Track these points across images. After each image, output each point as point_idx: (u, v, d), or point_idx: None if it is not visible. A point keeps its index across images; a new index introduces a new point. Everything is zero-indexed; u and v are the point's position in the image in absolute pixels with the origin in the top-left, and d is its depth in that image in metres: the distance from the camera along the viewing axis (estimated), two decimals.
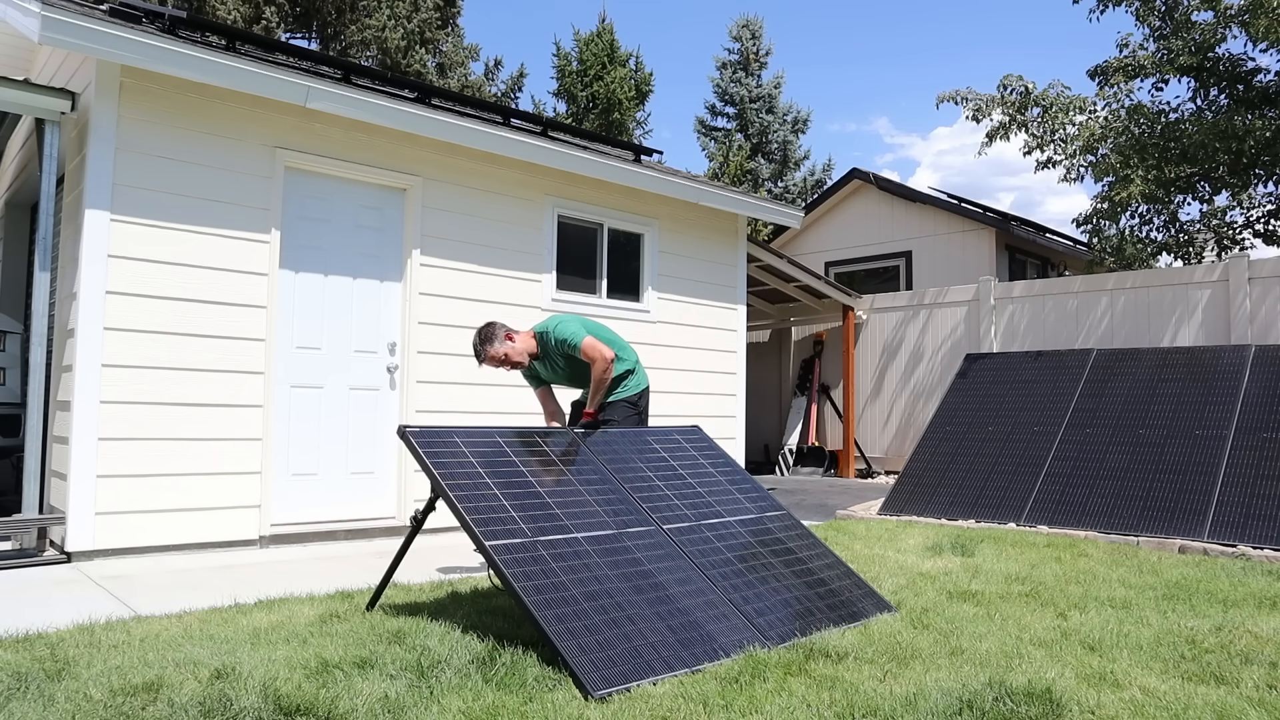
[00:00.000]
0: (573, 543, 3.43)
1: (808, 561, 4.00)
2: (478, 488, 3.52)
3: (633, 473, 4.09)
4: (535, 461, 3.87)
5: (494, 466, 3.70)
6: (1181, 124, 10.11)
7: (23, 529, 4.78)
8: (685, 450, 4.54)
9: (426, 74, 18.71)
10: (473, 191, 6.58)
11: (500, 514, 3.42)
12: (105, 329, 4.88)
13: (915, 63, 61.24)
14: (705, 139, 25.01)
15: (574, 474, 3.89)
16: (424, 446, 3.63)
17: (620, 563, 3.42)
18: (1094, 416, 7.00)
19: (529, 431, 4.07)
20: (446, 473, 3.54)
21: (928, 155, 54.06)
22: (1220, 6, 9.46)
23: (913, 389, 10.75)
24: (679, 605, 3.29)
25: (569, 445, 4.11)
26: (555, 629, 2.90)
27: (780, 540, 4.10)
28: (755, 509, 4.30)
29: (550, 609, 3.00)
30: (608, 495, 3.83)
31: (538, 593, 3.06)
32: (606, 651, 2.88)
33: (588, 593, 3.17)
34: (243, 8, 16.11)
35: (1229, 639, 3.39)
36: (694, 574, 3.53)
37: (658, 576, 3.42)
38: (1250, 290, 8.25)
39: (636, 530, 3.67)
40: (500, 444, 3.87)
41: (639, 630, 3.05)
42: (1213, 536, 5.62)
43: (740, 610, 3.39)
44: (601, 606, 3.11)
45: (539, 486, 3.70)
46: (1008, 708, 2.57)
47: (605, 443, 4.25)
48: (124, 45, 4.76)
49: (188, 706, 2.46)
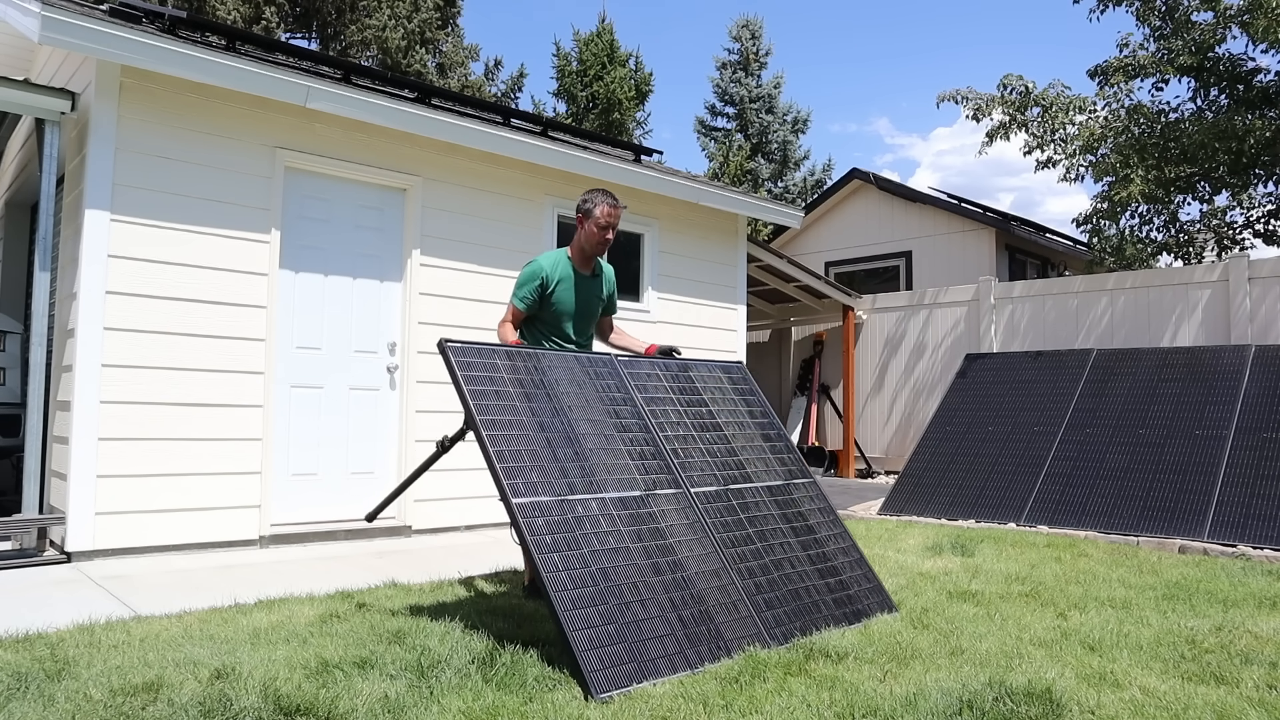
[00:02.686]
0: (601, 505, 3.30)
1: (825, 544, 3.94)
2: (512, 426, 3.33)
3: (670, 417, 3.92)
4: (575, 395, 3.65)
5: (532, 400, 3.48)
6: (1181, 124, 10.11)
7: (23, 529, 4.78)
8: (725, 392, 4.36)
9: (426, 74, 18.70)
10: (473, 191, 6.57)
11: (531, 462, 3.26)
12: (105, 329, 4.88)
13: (915, 63, 61.24)
14: (705, 139, 25.02)
15: (612, 415, 3.70)
16: (462, 368, 3.39)
17: (644, 534, 3.33)
18: (1094, 416, 7.00)
19: (576, 359, 3.84)
20: (481, 404, 3.31)
21: (928, 155, 54.07)
22: (1220, 6, 9.46)
23: (913, 389, 10.75)
24: (695, 590, 3.24)
25: (613, 378, 3.87)
26: (569, 615, 2.84)
27: (803, 516, 4.01)
28: (784, 473, 4.18)
29: (569, 590, 2.92)
30: (642, 446, 3.68)
31: (557, 569, 2.97)
32: (616, 645, 2.86)
33: (606, 570, 3.08)
34: (243, 8, 16.10)
35: (1229, 639, 3.39)
36: (714, 553, 3.45)
37: (679, 553, 3.34)
38: (1250, 290, 8.25)
39: (665, 494, 3.57)
40: (543, 370, 3.63)
41: (651, 622, 3.01)
42: (1213, 536, 5.62)
43: (751, 601, 3.36)
44: (618, 589, 3.04)
45: (575, 428, 3.51)
46: (1008, 708, 2.56)
47: (648, 377, 4.03)
48: (124, 45, 4.75)
49: (188, 706, 2.46)
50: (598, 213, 4.09)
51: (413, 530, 6.04)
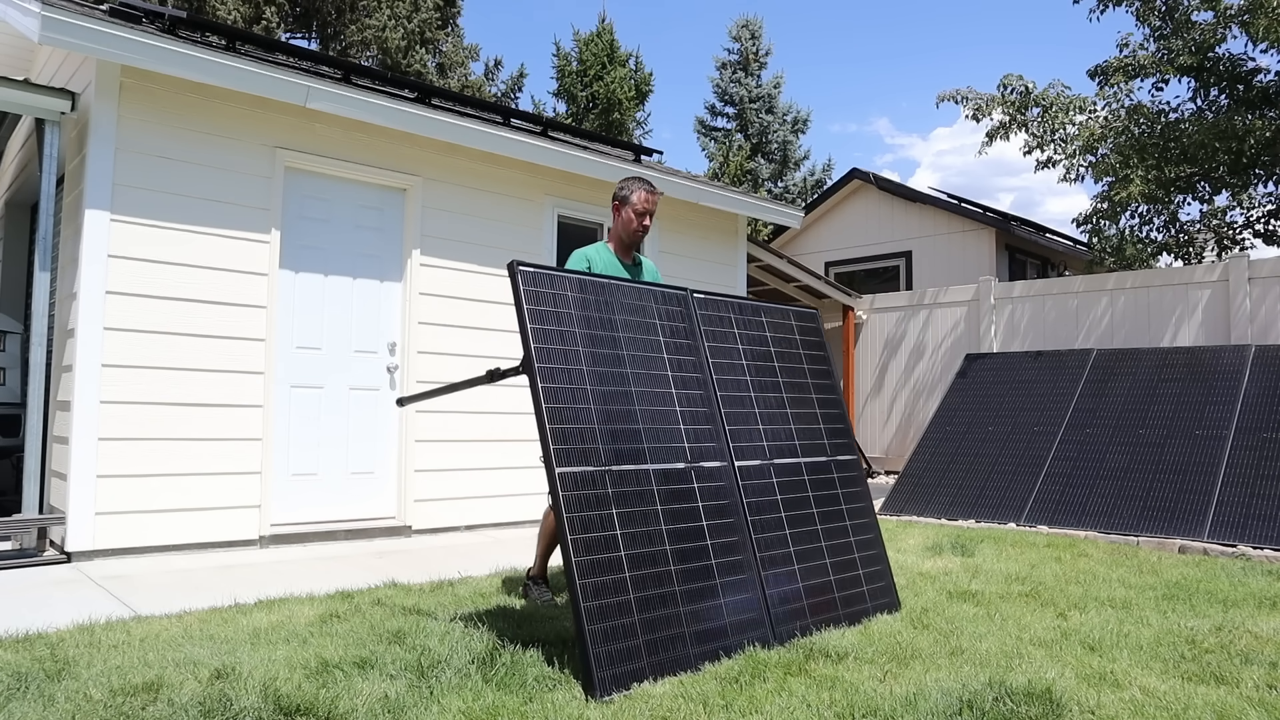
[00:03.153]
0: (643, 478, 3.15)
1: (852, 534, 3.85)
2: (570, 377, 3.09)
3: (732, 372, 3.73)
4: (641, 342, 3.39)
5: (596, 344, 3.23)
6: (1181, 124, 10.11)
7: (23, 529, 4.78)
8: (794, 345, 4.12)
9: (426, 74, 18.70)
10: (473, 191, 6.57)
11: (582, 423, 3.06)
12: (105, 329, 4.88)
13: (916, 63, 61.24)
14: (705, 139, 25.02)
15: (675, 367, 3.49)
16: (530, 299, 3.10)
17: (679, 514, 3.20)
18: (1094, 416, 7.00)
19: (651, 293, 3.56)
20: (543, 347, 3.06)
21: (928, 155, 54.07)
22: (1220, 6, 9.46)
23: (913, 389, 10.75)
24: (715, 583, 3.18)
25: (685, 321, 3.62)
26: (589, 607, 2.78)
27: (838, 499, 3.90)
28: (830, 448, 4.01)
29: (591, 577, 2.84)
30: (697, 407, 3.48)
31: (585, 553, 2.87)
32: (629, 642, 2.83)
33: (635, 556, 2.98)
34: (243, 8, 16.10)
35: (1229, 639, 3.39)
36: (744, 539, 3.37)
37: (707, 539, 3.24)
38: (1250, 290, 8.25)
39: (709, 466, 3.41)
40: (613, 308, 3.36)
41: (666, 619, 2.98)
42: (1213, 536, 5.62)
43: (766, 595, 3.33)
44: (641, 579, 2.96)
45: (634, 382, 3.28)
46: (1008, 708, 2.56)
47: (719, 320, 3.80)
48: (124, 45, 4.75)
49: (188, 706, 2.46)
50: (634, 199, 4.06)
51: (413, 530, 6.04)
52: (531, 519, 6.57)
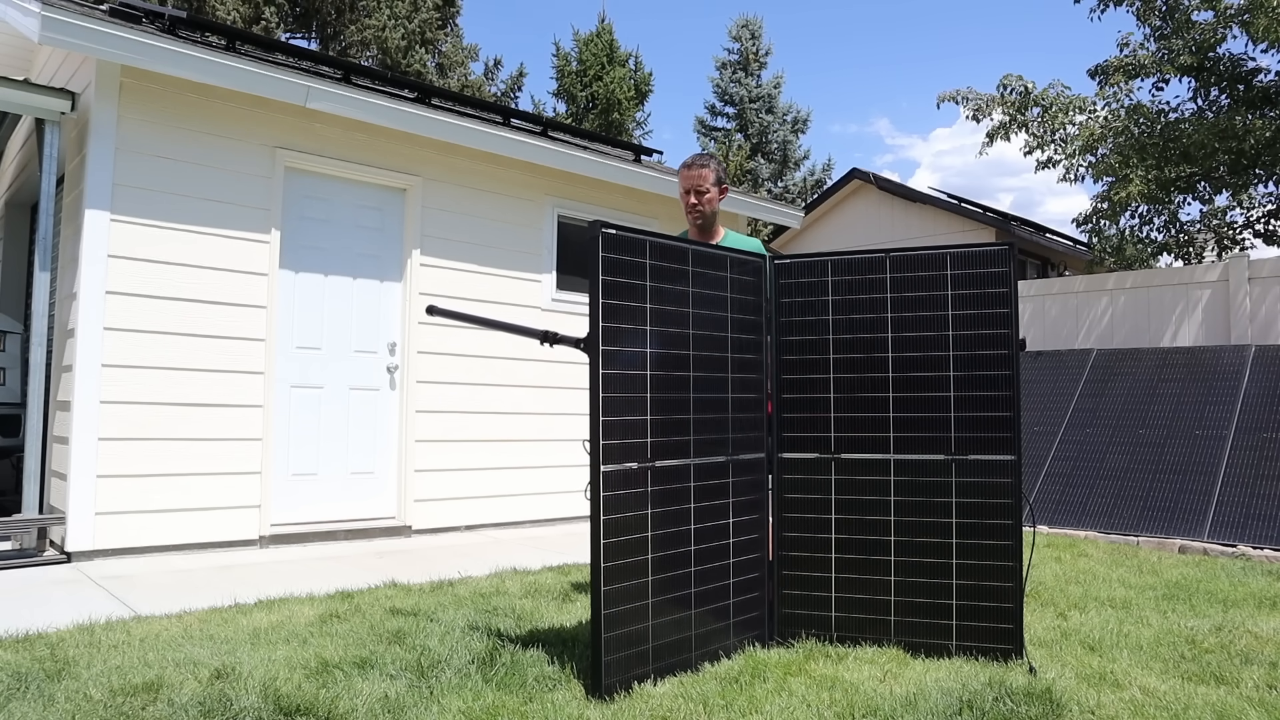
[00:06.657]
0: (683, 474, 3.03)
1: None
2: (632, 361, 2.90)
3: (800, 350, 3.47)
4: (709, 318, 3.20)
5: (664, 320, 3.02)
6: (1181, 124, 10.10)
7: (23, 529, 4.78)
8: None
9: (426, 74, 18.70)
10: (473, 191, 6.57)
11: (635, 412, 2.90)
12: (105, 329, 4.88)
13: (916, 64, 61.24)
14: (705, 139, 25.02)
15: (736, 347, 3.30)
16: (607, 269, 2.87)
17: (711, 511, 3.12)
18: (1094, 416, 7.00)
19: (728, 260, 3.32)
20: (611, 325, 2.85)
21: (927, 156, 54.09)
22: (1220, 6, 9.46)
23: None
24: (733, 582, 3.17)
25: (754, 294, 3.40)
26: (609, 614, 2.76)
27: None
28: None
29: (618, 582, 2.78)
30: (748, 393, 3.29)
31: (619, 555, 2.80)
32: (641, 647, 2.83)
33: (662, 559, 2.92)
34: (243, 8, 16.10)
35: (1229, 639, 3.39)
36: (761, 537, 3.32)
37: (732, 537, 3.20)
38: (1250, 290, 8.25)
39: (747, 459, 3.29)
40: (689, 278, 3.15)
41: (678, 622, 2.97)
42: (1213, 536, 5.62)
43: (779, 595, 3.33)
44: (662, 583, 2.93)
45: (691, 363, 3.09)
46: (1008, 708, 2.56)
47: (795, 289, 3.49)
48: (124, 45, 4.75)
49: (188, 706, 2.46)
50: (679, 182, 4.06)
51: (413, 530, 6.04)
52: (531, 519, 6.58)
